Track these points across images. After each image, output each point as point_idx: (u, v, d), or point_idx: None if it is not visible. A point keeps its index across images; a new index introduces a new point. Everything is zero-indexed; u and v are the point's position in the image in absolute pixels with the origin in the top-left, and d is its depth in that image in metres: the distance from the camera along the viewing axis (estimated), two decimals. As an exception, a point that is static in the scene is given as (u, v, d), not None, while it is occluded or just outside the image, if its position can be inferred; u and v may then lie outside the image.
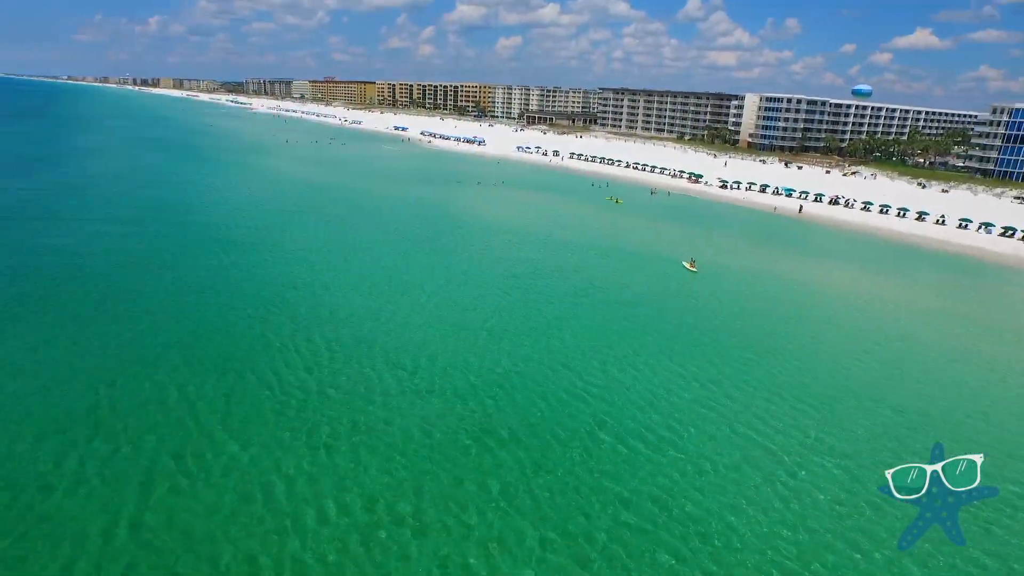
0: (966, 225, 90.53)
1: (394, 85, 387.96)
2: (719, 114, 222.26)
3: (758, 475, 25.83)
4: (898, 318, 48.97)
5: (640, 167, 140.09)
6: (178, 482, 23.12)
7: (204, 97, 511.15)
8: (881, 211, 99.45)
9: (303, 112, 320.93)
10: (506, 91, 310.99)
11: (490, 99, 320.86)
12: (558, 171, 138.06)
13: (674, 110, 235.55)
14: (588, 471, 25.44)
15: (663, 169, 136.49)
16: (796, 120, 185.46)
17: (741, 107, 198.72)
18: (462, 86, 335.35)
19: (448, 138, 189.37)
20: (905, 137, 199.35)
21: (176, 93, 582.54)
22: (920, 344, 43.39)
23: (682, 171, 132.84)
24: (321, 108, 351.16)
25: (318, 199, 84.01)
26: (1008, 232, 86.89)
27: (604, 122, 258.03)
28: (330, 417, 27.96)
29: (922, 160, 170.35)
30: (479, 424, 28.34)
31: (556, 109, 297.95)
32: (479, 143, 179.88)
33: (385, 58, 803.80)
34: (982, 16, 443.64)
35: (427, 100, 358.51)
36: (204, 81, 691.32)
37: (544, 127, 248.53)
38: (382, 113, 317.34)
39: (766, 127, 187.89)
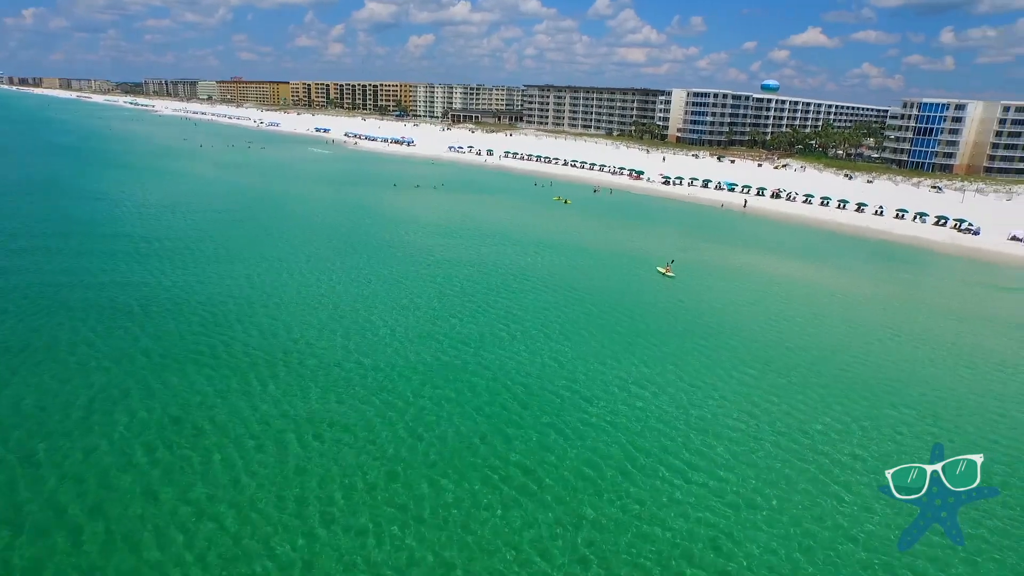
0: (902, 215, 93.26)
1: (309, 85, 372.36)
2: (645, 110, 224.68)
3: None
4: (882, 313, 48.13)
5: (579, 164, 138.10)
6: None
7: (98, 98, 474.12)
8: (822, 203, 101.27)
9: (213, 114, 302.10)
10: (428, 90, 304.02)
11: (412, 98, 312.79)
12: (496, 171, 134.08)
13: (600, 106, 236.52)
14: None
15: (602, 166, 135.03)
16: (723, 115, 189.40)
17: (668, 102, 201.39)
18: (382, 85, 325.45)
19: (375, 139, 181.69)
20: (819, 130, 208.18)
21: (64, 94, 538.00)
22: (912, 340, 42.35)
23: (622, 168, 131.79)
24: (232, 110, 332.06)
25: (249, 207, 76.16)
26: (940, 221, 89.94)
27: (531, 119, 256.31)
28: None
29: (841, 152, 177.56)
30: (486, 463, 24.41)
31: (480, 107, 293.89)
32: (408, 143, 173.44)
33: (294, 57, 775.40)
34: (862, 17, 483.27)
35: (345, 100, 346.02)
36: (96, 81, 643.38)
37: (471, 126, 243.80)
38: (299, 114, 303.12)
39: (695, 122, 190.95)
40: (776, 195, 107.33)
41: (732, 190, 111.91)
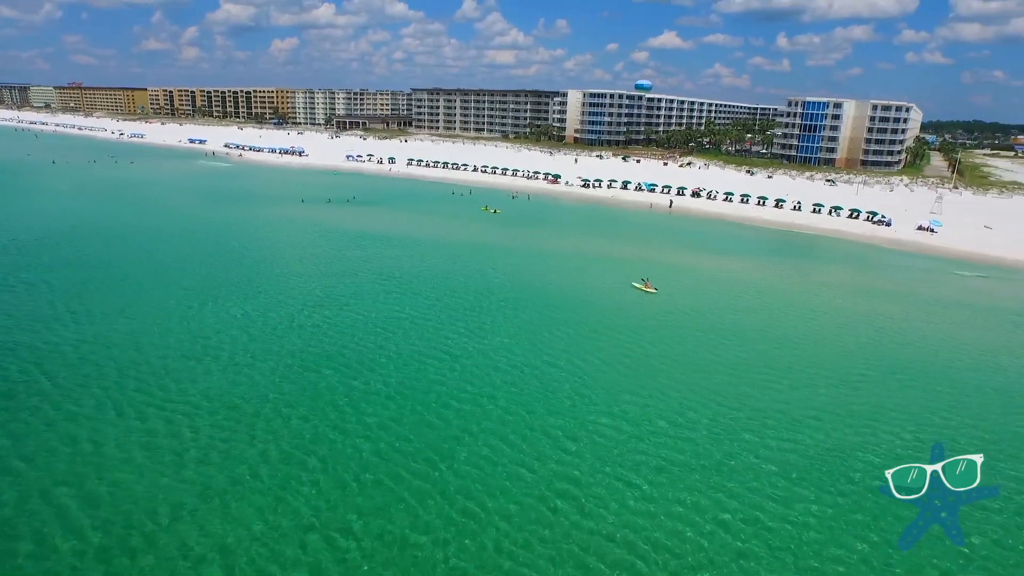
0: (819, 210, 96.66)
1: (171, 92, 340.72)
2: (539, 111, 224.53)
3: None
4: (851, 309, 47.33)
5: (489, 170, 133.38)
6: None
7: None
8: (742, 200, 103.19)
9: (57, 124, 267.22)
10: (308, 95, 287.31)
11: (290, 105, 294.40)
12: (406, 180, 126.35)
13: (493, 109, 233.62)
14: None
15: (515, 171, 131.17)
16: (619, 115, 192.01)
17: (564, 104, 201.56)
18: (256, 91, 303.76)
19: (261, 150, 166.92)
20: (702, 127, 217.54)
21: None
22: (902, 336, 41.47)
23: (537, 172, 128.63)
24: (81, 119, 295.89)
25: (141, 235, 64.30)
26: (854, 214, 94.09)
27: (420, 124, 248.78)
28: None
29: (731, 149, 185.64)
30: None
31: (366, 112, 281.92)
32: (299, 154, 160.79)
33: (143, 62, 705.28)
34: (711, 22, 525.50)
35: (215, 108, 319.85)
36: None
37: (360, 132, 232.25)
38: (163, 124, 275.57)
39: (592, 122, 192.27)
40: (696, 194, 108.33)
41: (652, 190, 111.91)
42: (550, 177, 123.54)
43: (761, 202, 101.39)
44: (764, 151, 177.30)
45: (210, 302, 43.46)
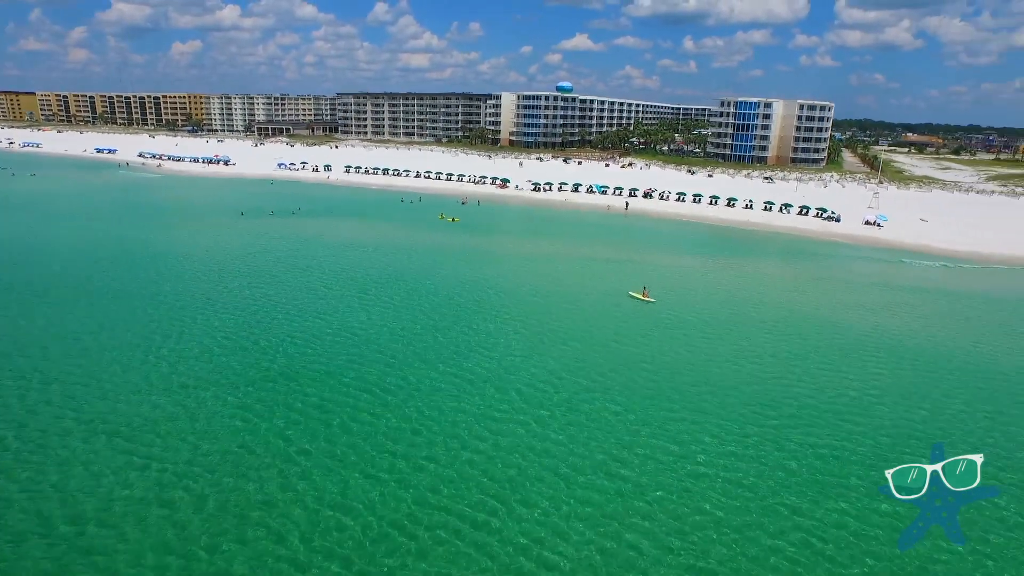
0: (770, 207, 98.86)
1: (66, 96, 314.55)
2: (471, 114, 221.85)
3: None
4: (820, 307, 47.61)
5: (434, 176, 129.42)
6: None
7: None
8: (695, 200, 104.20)
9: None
10: (224, 101, 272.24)
11: (205, 111, 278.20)
12: (348, 188, 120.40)
13: (423, 113, 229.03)
14: None
15: (460, 176, 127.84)
16: (555, 116, 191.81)
17: (498, 106, 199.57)
18: (166, 97, 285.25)
19: (182, 159, 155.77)
20: (631, 128, 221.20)
21: None
22: (891, 333, 41.82)
23: (484, 176, 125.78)
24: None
25: (76, 257, 56.92)
26: (803, 211, 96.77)
27: (347, 129, 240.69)
28: None
29: (665, 148, 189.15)
30: None
31: (287, 118, 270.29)
32: (226, 163, 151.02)
33: (22, 63, 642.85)
34: (620, 25, 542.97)
35: (118, 114, 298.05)
36: None
37: (286, 139, 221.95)
38: (59, 132, 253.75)
39: (528, 124, 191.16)
40: (648, 195, 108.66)
41: (604, 192, 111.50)
42: (498, 181, 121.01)
43: (713, 201, 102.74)
44: (697, 150, 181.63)
45: (173, 337, 38.28)
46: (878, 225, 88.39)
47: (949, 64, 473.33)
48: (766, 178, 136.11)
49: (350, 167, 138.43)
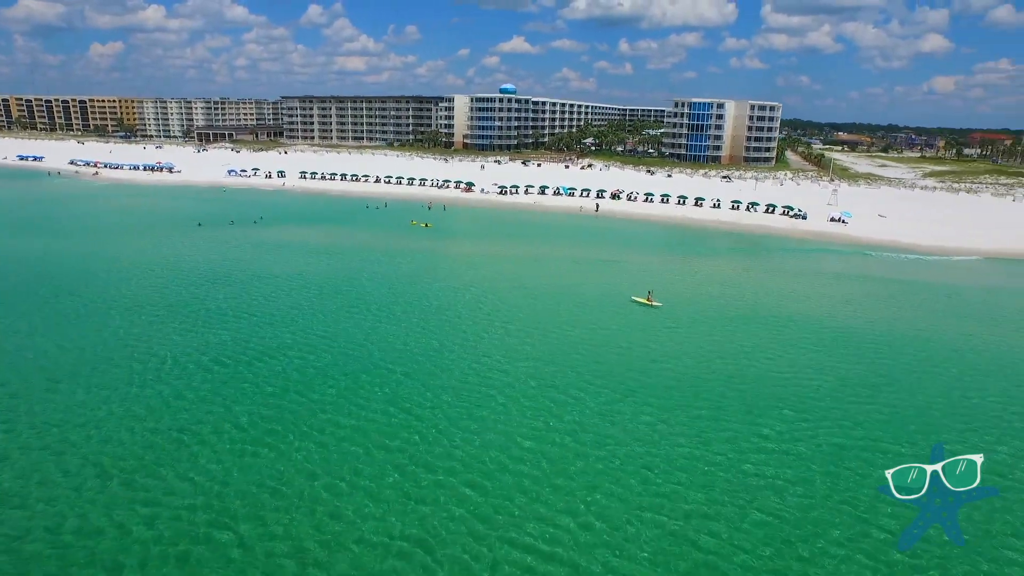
0: (737, 206, 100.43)
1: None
2: (421, 118, 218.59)
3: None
4: (823, 306, 48.31)
5: (395, 180, 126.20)
6: None
7: None
8: (663, 200, 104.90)
9: None
10: (159, 105, 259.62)
11: (138, 115, 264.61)
12: (306, 196, 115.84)
13: (372, 116, 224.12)
14: None
15: (422, 180, 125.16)
16: (509, 119, 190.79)
17: (451, 109, 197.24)
18: (94, 101, 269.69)
19: (120, 166, 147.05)
20: (581, 129, 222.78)
21: None
22: (885, 332, 42.65)
23: (447, 180, 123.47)
24: None
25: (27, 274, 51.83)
26: (770, 209, 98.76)
27: (293, 134, 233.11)
28: None
29: (620, 149, 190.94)
30: None
31: (228, 123, 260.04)
32: (169, 170, 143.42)
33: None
34: (557, 28, 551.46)
35: (39, 119, 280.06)
36: None
37: (229, 144, 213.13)
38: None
39: (482, 127, 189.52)
40: (616, 196, 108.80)
41: (571, 194, 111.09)
42: (463, 185, 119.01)
43: (681, 201, 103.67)
44: (651, 151, 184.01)
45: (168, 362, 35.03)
46: (843, 222, 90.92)
47: (866, 67, 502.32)
48: (724, 177, 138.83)
49: (305, 173, 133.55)
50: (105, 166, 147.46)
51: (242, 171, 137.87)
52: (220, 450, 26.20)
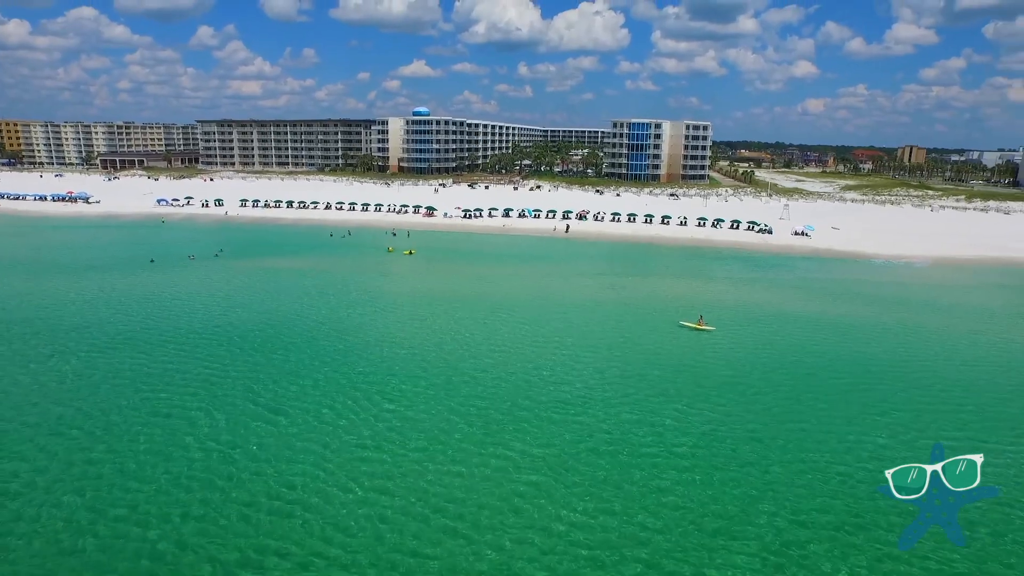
0: (703, 223, 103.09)
1: None
2: (351, 141, 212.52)
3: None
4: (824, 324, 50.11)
5: (347, 207, 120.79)
6: None
7: None
8: (629, 219, 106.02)
9: None
10: (51, 129, 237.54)
11: (24, 140, 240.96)
12: (257, 225, 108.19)
13: (297, 141, 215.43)
14: None
15: (378, 205, 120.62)
16: (447, 141, 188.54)
17: (384, 132, 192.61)
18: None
19: (22, 197, 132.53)
20: (510, 151, 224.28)
21: None
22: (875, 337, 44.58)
23: (405, 205, 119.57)
24: None
25: None
26: (734, 224, 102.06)
27: (211, 160, 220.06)
28: None
29: (558, 169, 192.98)
30: None
31: (135, 149, 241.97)
32: (85, 200, 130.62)
33: None
34: (457, 52, 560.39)
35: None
36: None
37: (142, 171, 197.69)
38: None
39: (419, 150, 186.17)
40: (582, 216, 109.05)
41: (536, 216, 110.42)
42: (423, 210, 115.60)
43: (648, 220, 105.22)
44: (589, 171, 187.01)
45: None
46: (806, 235, 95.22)
47: (748, 89, 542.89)
48: (671, 195, 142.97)
49: (246, 201, 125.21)
50: (5, 197, 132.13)
51: (174, 200, 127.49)
52: None
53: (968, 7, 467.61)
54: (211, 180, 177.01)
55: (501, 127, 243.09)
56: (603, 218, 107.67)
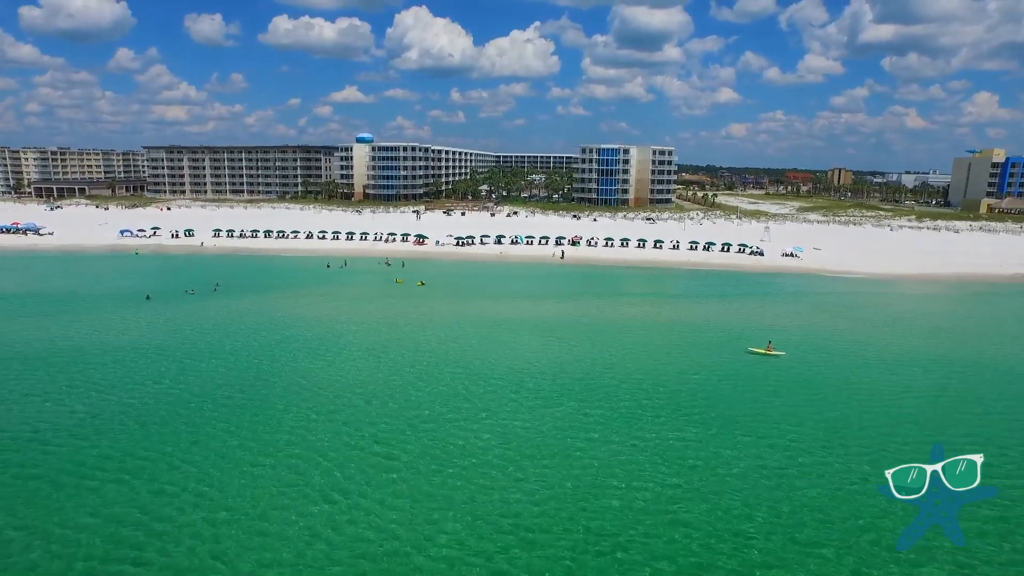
0: (695, 247, 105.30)
1: None
2: (310, 168, 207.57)
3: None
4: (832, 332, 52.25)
5: (330, 235, 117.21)
6: None
7: None
8: (622, 244, 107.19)
9: None
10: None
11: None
12: (241, 257, 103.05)
13: (253, 167, 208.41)
14: None
15: (364, 234, 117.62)
16: (415, 167, 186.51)
17: (348, 158, 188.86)
18: None
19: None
20: (468, 177, 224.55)
21: None
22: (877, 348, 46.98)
23: (392, 233, 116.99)
24: None
25: None
26: (725, 247, 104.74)
27: (159, 187, 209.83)
28: None
29: (526, 195, 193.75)
30: None
31: (71, 176, 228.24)
32: (36, 232, 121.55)
33: None
34: (390, 78, 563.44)
35: None
36: None
37: (86, 200, 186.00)
38: None
39: (385, 176, 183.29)
40: (575, 242, 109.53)
41: (529, 243, 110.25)
42: (414, 238, 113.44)
43: (641, 244, 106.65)
44: (557, 196, 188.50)
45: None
46: (796, 256, 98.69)
47: (676, 115, 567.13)
48: (647, 219, 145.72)
49: (220, 231, 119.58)
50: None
51: (140, 231, 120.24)
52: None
53: (867, 41, 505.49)
54: (168, 209, 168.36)
55: (461, 153, 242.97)
56: (596, 243, 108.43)
